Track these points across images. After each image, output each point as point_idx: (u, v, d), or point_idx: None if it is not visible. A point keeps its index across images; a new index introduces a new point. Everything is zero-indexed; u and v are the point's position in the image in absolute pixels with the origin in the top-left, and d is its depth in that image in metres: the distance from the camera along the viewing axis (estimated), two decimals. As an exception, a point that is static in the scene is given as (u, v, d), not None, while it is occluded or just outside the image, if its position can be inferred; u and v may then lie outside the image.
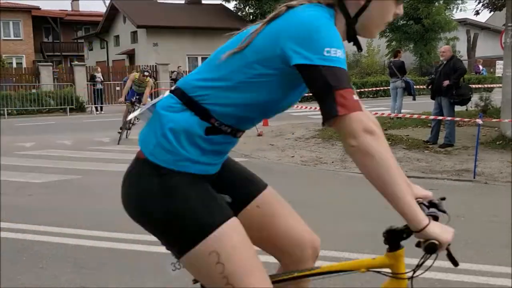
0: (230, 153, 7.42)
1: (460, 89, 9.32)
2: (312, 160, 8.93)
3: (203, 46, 28.39)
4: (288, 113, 17.25)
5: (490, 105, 13.11)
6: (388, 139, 10.07)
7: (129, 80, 12.05)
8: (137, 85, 11.96)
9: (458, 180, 7.22)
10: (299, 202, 6.10)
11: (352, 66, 32.11)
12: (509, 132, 9.52)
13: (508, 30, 9.48)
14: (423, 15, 28.22)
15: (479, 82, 25.01)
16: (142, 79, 11.92)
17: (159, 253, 4.33)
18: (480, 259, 4.18)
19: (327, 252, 4.33)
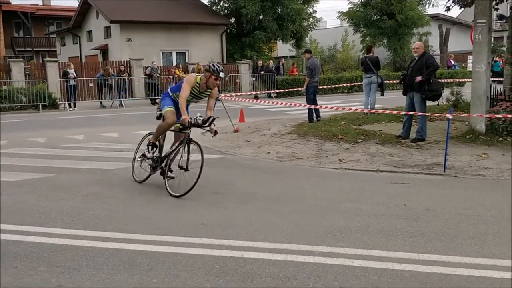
0: (206, 150, 7.60)
1: (432, 85, 9.46)
2: (288, 156, 9.00)
3: (177, 41, 28.20)
4: (264, 109, 17.34)
5: (461, 100, 13.40)
6: (361, 134, 10.28)
7: (188, 85, 6.51)
8: (196, 94, 6.73)
9: (429, 174, 7.39)
10: (275, 197, 6.21)
11: (328, 61, 32.38)
12: (479, 126, 9.76)
13: (477, 26, 9.69)
14: (396, 10, 28.53)
15: (451, 76, 25.48)
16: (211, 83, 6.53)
17: (133, 250, 4.38)
18: (449, 250, 4.31)
19: (302, 247, 4.41)
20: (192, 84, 6.51)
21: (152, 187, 6.88)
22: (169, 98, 6.83)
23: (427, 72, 9.33)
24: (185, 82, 6.51)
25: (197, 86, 6.56)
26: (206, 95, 6.80)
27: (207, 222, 5.18)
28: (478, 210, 5.52)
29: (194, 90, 6.58)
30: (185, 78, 6.64)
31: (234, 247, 4.42)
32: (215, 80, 6.48)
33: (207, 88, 6.66)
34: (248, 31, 29.61)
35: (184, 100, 6.51)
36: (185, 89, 6.46)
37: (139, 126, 13.76)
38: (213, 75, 6.42)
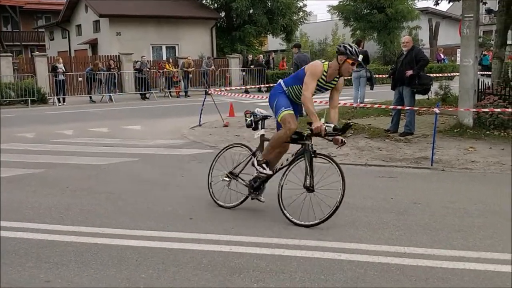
0: (196, 144, 7.57)
1: (422, 79, 9.53)
2: (277, 150, 9.02)
3: (167, 35, 28.07)
4: (254, 104, 17.33)
5: (450, 94, 13.49)
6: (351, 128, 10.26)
7: (314, 77, 5.02)
8: (321, 85, 5.19)
9: (417, 168, 7.46)
10: (265, 191, 6.21)
11: (318, 55, 32.39)
12: (467, 120, 9.84)
13: (465, 21, 9.76)
14: (386, 4, 28.61)
15: (441, 70, 25.61)
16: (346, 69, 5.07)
17: (121, 245, 4.40)
18: (434, 244, 4.37)
19: (290, 241, 4.45)
20: (319, 75, 4.96)
21: (141, 183, 6.88)
22: (284, 96, 5.27)
23: (418, 66, 9.39)
24: (309, 73, 4.96)
25: (324, 75, 5.00)
26: (330, 86, 5.19)
27: (195, 216, 5.20)
28: (464, 204, 5.58)
29: (321, 81, 5.02)
30: (309, 67, 5.04)
31: (222, 241, 4.45)
32: (352, 65, 4.97)
33: (334, 77, 5.10)
34: (238, 25, 29.56)
35: (311, 100, 5.06)
36: (310, 83, 4.94)
37: (129, 121, 13.76)
38: (349, 59, 4.89)
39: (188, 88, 22.74)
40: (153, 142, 10.18)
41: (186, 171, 7.58)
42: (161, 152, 9.11)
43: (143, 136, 11.01)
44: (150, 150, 9.34)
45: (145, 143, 10.14)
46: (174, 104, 18.91)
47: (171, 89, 22.50)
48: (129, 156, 8.73)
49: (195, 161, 8.33)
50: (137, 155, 8.77)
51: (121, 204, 5.76)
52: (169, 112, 15.95)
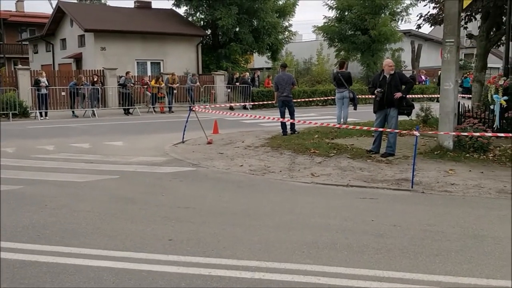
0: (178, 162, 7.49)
1: (408, 100, 9.77)
2: (261, 169, 9.04)
3: (152, 51, 28.09)
4: (239, 121, 17.38)
5: (431, 115, 13.67)
6: (334, 148, 10.39)
7: None
8: None
9: (397, 190, 7.51)
10: (245, 212, 6.22)
11: (303, 74, 32.67)
12: (447, 143, 9.97)
13: (446, 45, 9.94)
14: (370, 26, 29.03)
15: (422, 92, 26.00)
16: None
17: (99, 267, 4.33)
18: (413, 268, 4.38)
19: (270, 264, 4.43)
20: None
21: (120, 201, 6.82)
22: None
23: (406, 88, 9.60)
24: None
25: None
26: None
27: (175, 237, 5.15)
28: (443, 227, 5.62)
29: None
30: None
31: (202, 264, 4.41)
32: None
33: None
34: (224, 42, 29.72)
35: None
36: None
37: (111, 136, 13.66)
38: None
39: (172, 104, 22.71)
40: (134, 159, 10.11)
41: (166, 190, 7.53)
42: (142, 170, 9.05)
43: (124, 153, 10.94)
44: (131, 167, 9.27)
45: (126, 160, 10.06)
46: (158, 120, 18.85)
47: (156, 104, 22.45)
48: (109, 173, 8.65)
49: (176, 179, 8.28)
50: (117, 172, 8.70)
51: (100, 223, 5.69)
52: (152, 128, 15.89)
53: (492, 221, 5.87)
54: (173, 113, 21.73)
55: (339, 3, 30.48)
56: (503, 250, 4.83)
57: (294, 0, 32.15)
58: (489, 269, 4.35)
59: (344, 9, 30.55)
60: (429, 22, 14.31)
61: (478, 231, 5.46)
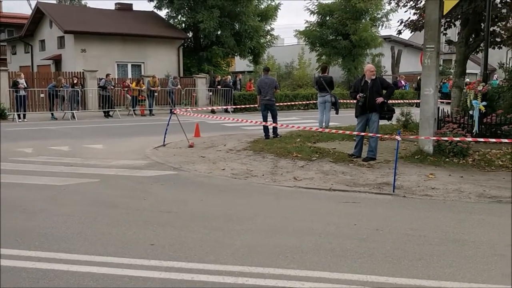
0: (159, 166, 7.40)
1: (389, 105, 9.87)
2: (243, 173, 9.00)
3: (133, 54, 27.86)
4: (220, 124, 17.33)
5: (411, 120, 13.82)
6: (316, 152, 10.42)
7: None
8: None
9: (379, 194, 7.55)
10: (227, 216, 6.18)
11: (285, 78, 32.76)
12: (427, 147, 10.07)
13: (427, 51, 10.06)
14: (350, 31, 29.26)
15: (402, 97, 26.28)
16: None
17: (79, 272, 4.26)
18: (396, 272, 4.40)
19: (253, 269, 4.40)
20: None
21: (101, 205, 6.72)
22: None
23: (387, 93, 9.70)
24: None
25: None
26: None
27: (157, 242, 5.09)
28: (424, 231, 5.66)
29: None
30: None
31: (184, 269, 4.35)
32: None
33: None
34: (206, 45, 29.65)
35: None
36: None
37: (90, 139, 13.50)
38: None
39: (153, 107, 22.56)
40: (115, 162, 9.99)
41: (148, 193, 7.45)
42: (123, 173, 8.94)
43: (104, 156, 10.80)
44: (112, 170, 9.15)
45: (106, 163, 9.94)
46: (138, 123, 18.69)
47: (136, 107, 22.27)
48: (90, 176, 8.53)
49: (158, 183, 8.20)
50: (97, 176, 8.58)
51: (80, 228, 5.59)
52: (132, 131, 15.75)
53: (472, 225, 5.94)
54: (154, 116, 21.57)
55: (320, 8, 30.67)
56: (484, 254, 4.88)
57: (276, 4, 32.26)
58: (470, 273, 4.39)
59: (326, 14, 30.76)
60: (409, 28, 14.47)
61: (459, 235, 5.51)
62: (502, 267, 4.53)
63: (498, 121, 11.61)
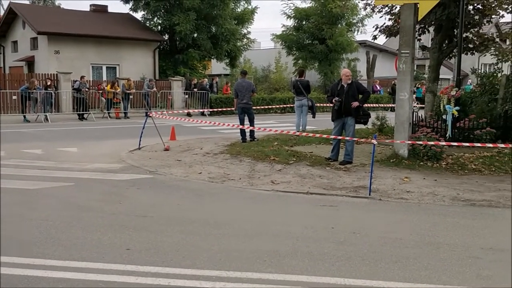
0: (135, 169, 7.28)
1: (364, 109, 9.95)
2: (220, 176, 8.96)
3: (108, 56, 27.53)
4: (197, 128, 17.24)
5: (386, 124, 13.98)
6: (293, 156, 10.44)
7: None
8: None
9: (356, 197, 7.61)
10: (204, 220, 6.13)
11: (261, 81, 32.81)
12: (402, 151, 10.20)
13: (402, 56, 10.19)
14: (327, 36, 29.46)
15: (377, 101, 26.59)
16: None
17: (54, 278, 4.18)
18: (373, 275, 4.43)
19: (231, 273, 4.37)
20: None
21: (75, 209, 6.60)
22: None
23: (362, 98, 9.77)
24: None
25: None
26: None
27: (133, 247, 5.02)
28: (400, 234, 5.72)
29: None
30: None
31: (161, 274, 4.30)
32: None
33: None
34: (182, 48, 29.50)
35: None
36: None
37: (64, 142, 13.27)
38: None
39: (128, 110, 22.32)
40: (89, 166, 9.84)
41: (123, 197, 7.35)
42: (98, 177, 8.81)
43: (79, 159, 10.63)
44: (86, 174, 9.01)
45: (81, 166, 9.78)
46: (113, 126, 18.45)
47: (111, 110, 22.00)
48: (64, 180, 8.37)
49: (133, 187, 8.10)
50: (72, 180, 8.43)
51: (54, 233, 5.48)
52: (107, 134, 15.54)
53: (447, 228, 6.02)
54: (129, 119, 21.34)
55: (296, 13, 30.83)
56: (459, 257, 4.95)
57: (253, 8, 32.32)
58: (446, 275, 4.44)
59: (302, 19, 30.93)
60: (384, 33, 14.65)
61: (434, 238, 5.58)
62: (476, 269, 4.60)
63: (470, 125, 11.82)
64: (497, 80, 13.51)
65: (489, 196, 7.66)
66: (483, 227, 6.11)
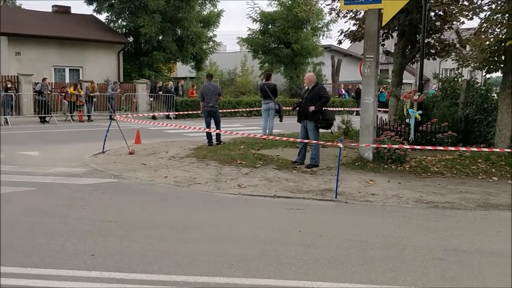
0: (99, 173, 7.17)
1: (325, 114, 9.98)
2: (186, 180, 8.89)
3: (71, 58, 26.96)
4: (162, 131, 17.06)
5: (351, 128, 14.17)
6: (260, 159, 10.45)
7: None
8: None
9: (322, 200, 7.67)
10: (171, 225, 6.06)
11: (227, 84, 32.77)
12: (367, 154, 10.35)
13: (366, 61, 10.35)
14: (292, 40, 29.71)
15: (342, 105, 26.95)
16: None
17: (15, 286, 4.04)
18: (340, 278, 4.46)
19: (198, 278, 4.33)
20: None
21: (37, 215, 6.42)
22: None
23: (319, 103, 9.79)
24: None
25: None
26: None
27: (97, 253, 4.91)
28: (366, 236, 5.79)
29: None
30: None
31: (126, 280, 4.22)
32: None
33: None
34: (147, 50, 29.18)
35: None
36: None
37: (26, 146, 12.91)
38: None
39: (91, 113, 21.91)
40: (52, 170, 9.59)
41: (87, 202, 7.19)
42: (61, 181, 8.60)
43: (41, 163, 10.35)
44: (49, 178, 8.78)
45: (43, 170, 9.52)
46: (77, 129, 18.08)
47: (74, 113, 21.54)
48: (25, 185, 8.14)
49: (97, 191, 7.94)
50: (34, 184, 8.20)
51: (15, 239, 5.31)
52: (70, 138, 15.20)
53: (411, 230, 6.13)
54: (93, 122, 20.96)
55: (262, 16, 30.97)
56: (423, 258, 5.04)
57: (219, 11, 32.27)
58: (411, 277, 4.52)
59: (268, 22, 31.08)
60: (349, 38, 14.88)
61: (399, 240, 5.67)
62: (440, 270, 4.69)
63: (433, 129, 12.12)
64: (458, 85, 13.90)
65: (451, 198, 7.85)
66: (446, 228, 6.24)
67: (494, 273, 4.67)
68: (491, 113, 12.17)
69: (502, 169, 9.95)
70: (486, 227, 6.38)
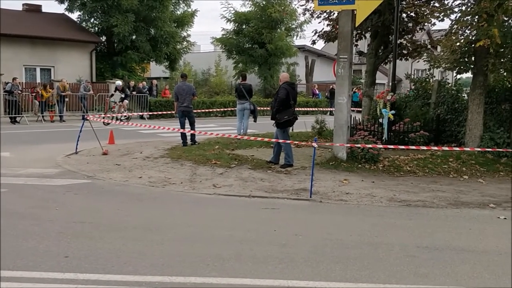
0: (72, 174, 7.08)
1: (280, 113, 9.86)
2: (161, 180, 8.83)
3: (42, 57, 26.46)
4: (136, 131, 16.90)
5: (325, 128, 14.29)
6: (235, 159, 10.45)
7: None
8: None
9: (297, 199, 7.72)
10: (145, 226, 6.02)
11: (201, 85, 32.64)
12: (341, 154, 10.45)
13: (340, 61, 10.46)
14: (266, 40, 29.79)
15: (316, 105, 27.16)
16: None
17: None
18: (316, 276, 4.50)
19: (174, 278, 4.31)
20: None
21: (9, 216, 6.29)
22: None
23: (275, 103, 9.90)
24: None
25: None
26: None
27: (71, 254, 4.84)
28: (341, 235, 5.86)
29: None
30: None
31: (101, 281, 4.18)
32: None
33: None
34: (120, 50, 28.84)
35: None
36: None
37: (-5, 147, 12.61)
38: None
39: (63, 113, 21.55)
40: (23, 171, 9.41)
41: (60, 203, 7.08)
42: (33, 182, 8.44)
43: (12, 164, 10.13)
44: (20, 179, 8.61)
45: (14, 172, 9.33)
46: (48, 130, 17.74)
47: (45, 113, 21.15)
48: (-5, 186, 7.96)
49: (70, 192, 7.82)
50: (5, 186, 8.02)
51: (-15, 242, 5.19)
52: (42, 138, 14.92)
53: (385, 229, 6.23)
54: (65, 123, 20.62)
55: (236, 17, 30.96)
56: (396, 256, 5.13)
57: (193, 11, 32.12)
58: (385, 274, 4.59)
59: (242, 23, 31.09)
60: (323, 39, 15.00)
61: (373, 238, 5.75)
62: (413, 268, 4.78)
63: (405, 129, 12.32)
64: (429, 86, 14.17)
65: (423, 196, 8.00)
66: (418, 226, 6.36)
67: (466, 270, 4.78)
68: (462, 113, 12.45)
69: (472, 168, 10.19)
70: (457, 225, 6.52)
